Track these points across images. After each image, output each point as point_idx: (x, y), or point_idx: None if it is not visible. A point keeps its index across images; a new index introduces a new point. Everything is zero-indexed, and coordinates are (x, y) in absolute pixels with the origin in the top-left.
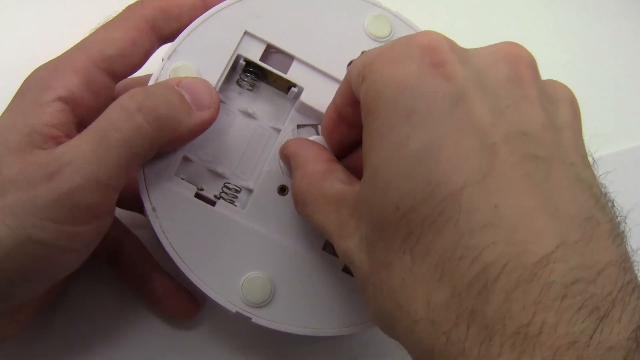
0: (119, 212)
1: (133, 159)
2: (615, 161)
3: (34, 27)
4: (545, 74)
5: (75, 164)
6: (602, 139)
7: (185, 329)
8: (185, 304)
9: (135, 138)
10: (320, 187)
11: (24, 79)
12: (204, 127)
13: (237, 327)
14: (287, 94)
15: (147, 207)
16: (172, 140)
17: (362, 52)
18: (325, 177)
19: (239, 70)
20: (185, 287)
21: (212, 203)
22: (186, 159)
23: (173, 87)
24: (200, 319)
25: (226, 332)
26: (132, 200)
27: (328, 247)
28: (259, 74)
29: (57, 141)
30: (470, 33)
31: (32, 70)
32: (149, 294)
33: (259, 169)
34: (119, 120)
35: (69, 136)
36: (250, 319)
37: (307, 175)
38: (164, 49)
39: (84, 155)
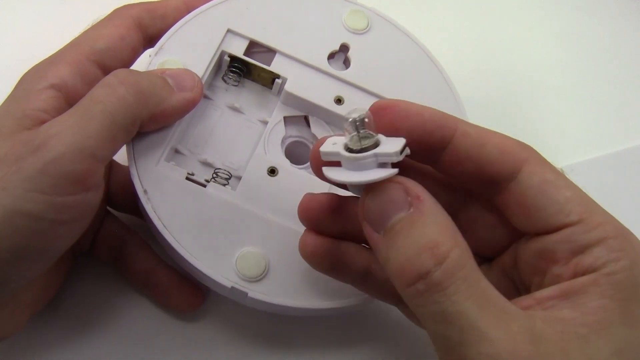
0: (119, 214)
1: (116, 130)
2: (615, 161)
3: (34, 27)
4: (545, 74)
5: (60, 135)
6: (602, 139)
7: (187, 323)
8: (191, 294)
9: (118, 108)
10: (475, 272)
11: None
12: (186, 106)
13: (238, 320)
14: (271, 88)
15: (139, 189)
16: (156, 117)
17: None
18: (473, 262)
19: (224, 67)
20: (189, 278)
21: (203, 186)
22: (177, 152)
23: (156, 73)
24: (203, 313)
25: (228, 324)
26: (128, 203)
27: None
28: (243, 69)
29: None
30: (471, 34)
31: None
32: (153, 287)
33: (248, 159)
34: (101, 93)
35: None
36: (247, 293)
37: (460, 245)
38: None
39: (67, 127)
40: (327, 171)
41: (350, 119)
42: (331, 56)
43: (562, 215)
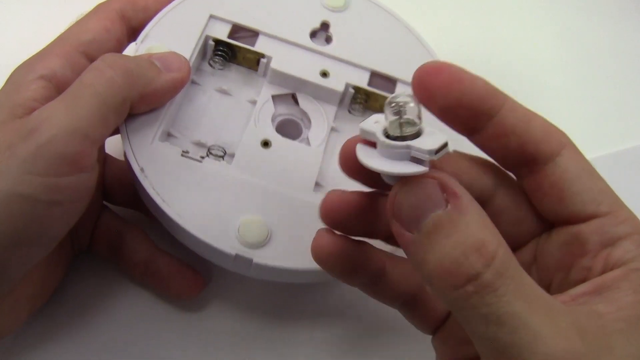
0: (116, 208)
1: (107, 110)
2: (615, 161)
3: (34, 27)
4: (545, 74)
5: (51, 119)
6: (602, 139)
7: (189, 314)
8: (191, 280)
9: (107, 89)
10: (519, 268)
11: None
12: (175, 86)
13: (240, 306)
14: (257, 70)
15: (135, 168)
16: (146, 97)
17: None
18: (515, 259)
19: (210, 53)
20: (189, 264)
21: (199, 162)
22: (170, 135)
23: (144, 57)
24: (204, 303)
25: (229, 312)
26: (125, 196)
27: (317, 187)
28: (228, 53)
29: None
30: (471, 33)
31: None
32: (153, 275)
33: (240, 136)
34: (90, 77)
35: None
36: (252, 260)
37: (503, 243)
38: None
39: (59, 111)
40: (359, 150)
41: (393, 104)
42: (313, 35)
43: (594, 204)
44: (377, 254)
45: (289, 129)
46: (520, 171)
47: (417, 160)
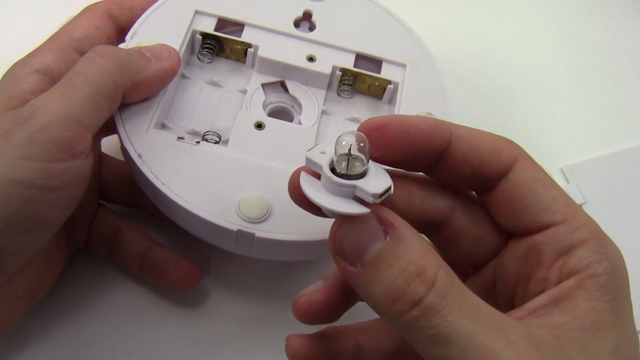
0: (112, 207)
1: (99, 97)
2: (615, 161)
3: (34, 27)
4: (545, 74)
5: (46, 106)
6: (602, 139)
7: (187, 309)
8: (188, 270)
9: (99, 77)
10: (463, 288)
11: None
12: (166, 74)
13: (239, 299)
14: (245, 62)
15: (132, 154)
16: (138, 85)
17: None
18: (458, 280)
19: (198, 47)
20: (185, 256)
21: (195, 145)
22: (164, 126)
23: (134, 48)
24: (202, 297)
25: (229, 307)
26: (120, 193)
27: None
28: (216, 46)
29: None
30: (471, 33)
31: None
32: (150, 267)
33: (234, 121)
34: (82, 66)
35: None
36: (254, 234)
37: (443, 265)
38: None
39: (53, 99)
40: (304, 181)
41: (344, 142)
42: (297, 24)
43: (548, 214)
44: (350, 334)
45: (281, 116)
46: (478, 190)
47: (360, 201)
